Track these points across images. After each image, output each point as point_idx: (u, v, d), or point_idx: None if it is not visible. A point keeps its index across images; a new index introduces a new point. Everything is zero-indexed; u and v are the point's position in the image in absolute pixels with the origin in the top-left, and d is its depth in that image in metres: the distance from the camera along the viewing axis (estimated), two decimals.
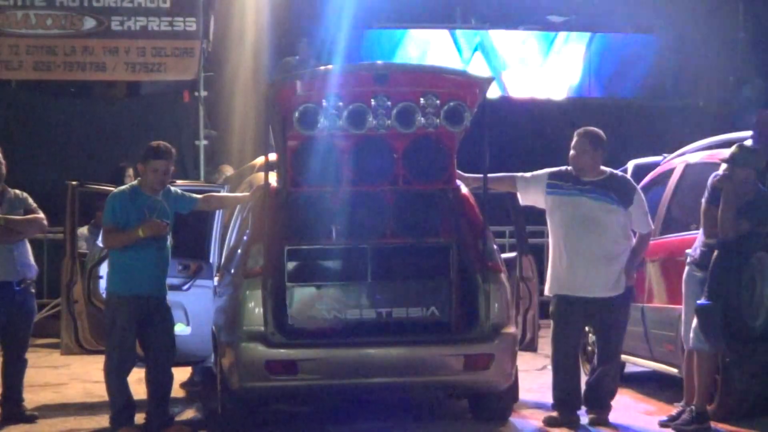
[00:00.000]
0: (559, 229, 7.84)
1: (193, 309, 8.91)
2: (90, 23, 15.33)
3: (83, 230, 12.35)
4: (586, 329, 8.77)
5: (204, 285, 8.98)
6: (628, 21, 18.34)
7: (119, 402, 7.66)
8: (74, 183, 8.93)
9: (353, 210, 7.96)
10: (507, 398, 7.95)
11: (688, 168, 8.95)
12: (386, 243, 8.02)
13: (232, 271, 8.03)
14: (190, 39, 15.43)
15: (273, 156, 8.11)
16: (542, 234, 10.97)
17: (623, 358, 8.64)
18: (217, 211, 9.17)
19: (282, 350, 7.40)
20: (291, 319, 7.68)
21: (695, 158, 8.94)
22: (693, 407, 7.57)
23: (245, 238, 8.02)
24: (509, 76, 17.81)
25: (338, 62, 14.35)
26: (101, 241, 8.29)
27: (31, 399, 8.97)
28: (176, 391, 8.87)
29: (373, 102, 7.73)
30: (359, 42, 17.34)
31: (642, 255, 8.13)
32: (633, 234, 7.96)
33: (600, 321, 7.92)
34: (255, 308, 7.44)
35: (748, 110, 14.98)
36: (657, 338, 8.80)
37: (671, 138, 12.48)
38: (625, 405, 8.57)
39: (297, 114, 7.65)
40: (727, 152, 7.51)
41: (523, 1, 18.38)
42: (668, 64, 18.22)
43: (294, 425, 8.20)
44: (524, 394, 8.70)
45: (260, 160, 8.66)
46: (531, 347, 8.62)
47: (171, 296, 8.01)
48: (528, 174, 8.05)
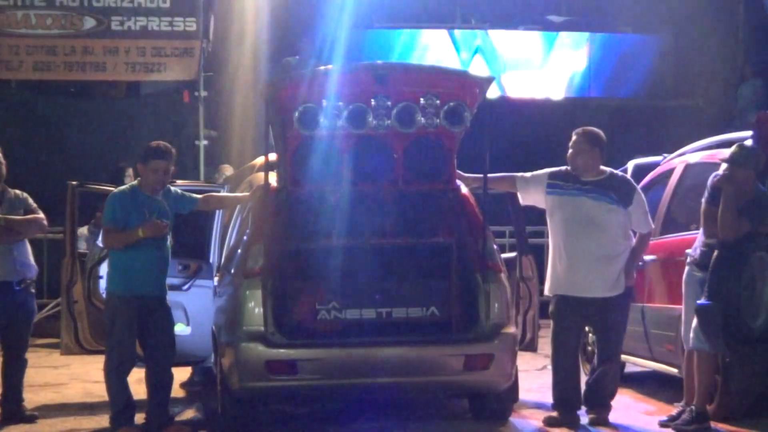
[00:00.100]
0: (559, 229, 7.84)
1: (193, 309, 8.92)
2: (90, 23, 15.33)
3: (83, 230, 12.37)
4: (586, 329, 8.77)
5: (204, 285, 8.99)
6: (628, 21, 18.35)
7: (119, 402, 7.66)
8: (74, 183, 8.93)
9: (353, 210, 7.96)
10: (507, 398, 7.95)
11: (688, 168, 8.95)
12: (386, 243, 8.01)
13: (232, 271, 8.03)
14: (190, 39, 15.43)
15: (273, 156, 8.11)
16: (542, 234, 10.98)
17: (623, 358, 8.64)
18: (217, 211, 9.17)
19: (282, 350, 7.40)
20: (291, 319, 7.67)
21: (695, 158, 8.94)
22: (693, 407, 7.57)
23: (245, 238, 8.02)
24: (509, 76, 17.80)
25: (338, 62, 14.36)
26: (101, 241, 8.29)
27: (31, 399, 8.97)
28: (176, 391, 8.87)
29: (373, 102, 7.73)
30: (359, 42, 17.33)
31: (642, 255, 8.13)
32: (633, 234, 7.96)
33: (600, 321, 7.92)
34: (255, 308, 7.44)
35: (748, 110, 15.01)
36: (657, 338, 8.80)
37: (671, 138, 12.49)
38: (625, 405, 8.57)
39: (297, 114, 7.65)
40: (727, 152, 7.51)
41: (523, 1, 18.39)
42: (668, 64, 18.22)
43: (294, 425, 8.20)
44: (524, 394, 8.70)
45: (260, 160, 8.66)
46: (531, 347, 8.62)
47: (171, 296, 8.02)
48: (528, 174, 8.05)
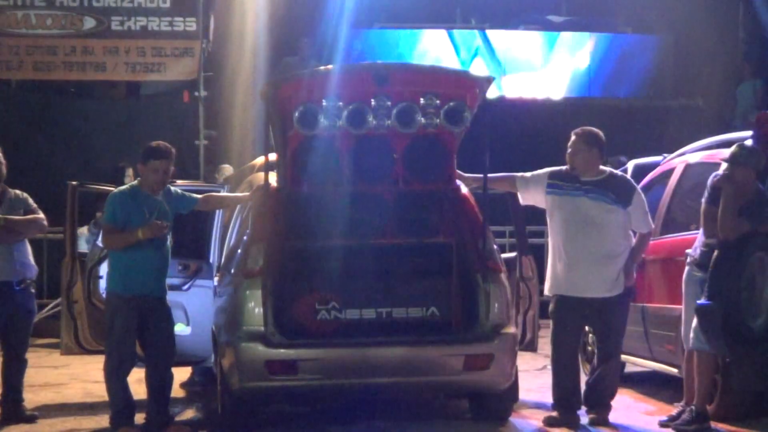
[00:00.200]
0: (559, 229, 7.84)
1: (193, 309, 8.91)
2: (90, 23, 15.34)
3: (83, 230, 12.37)
4: (586, 329, 8.77)
5: (204, 285, 8.99)
6: (628, 21, 18.35)
7: (119, 402, 7.66)
8: (74, 183, 8.94)
9: (353, 210, 7.96)
10: (507, 398, 7.94)
11: (688, 168, 8.95)
12: (386, 243, 8.02)
13: (232, 271, 8.02)
14: (190, 39, 15.44)
15: (273, 156, 8.11)
16: (542, 234, 10.99)
17: (623, 358, 8.64)
18: (217, 211, 9.17)
19: (282, 350, 7.40)
20: (291, 319, 7.67)
21: (695, 158, 8.94)
22: (693, 407, 7.57)
23: (245, 238, 8.02)
24: (509, 77, 17.81)
25: (338, 62, 14.36)
26: (101, 241, 8.29)
27: (31, 399, 8.97)
28: (176, 391, 8.87)
29: (373, 102, 7.73)
30: (359, 42, 17.35)
31: (642, 255, 8.13)
32: (633, 234, 7.96)
33: (599, 321, 7.92)
34: (255, 308, 7.44)
35: (747, 110, 15.02)
36: (657, 338, 8.79)
37: (671, 138, 12.50)
38: (625, 405, 8.57)
39: (297, 114, 7.65)
40: (727, 152, 7.51)
41: (523, 1, 18.39)
42: (668, 64, 18.23)
43: (294, 425, 8.20)
44: (524, 394, 8.69)
45: (260, 160, 8.65)
46: (531, 347, 8.62)
47: (171, 296, 8.02)
48: (528, 174, 8.05)
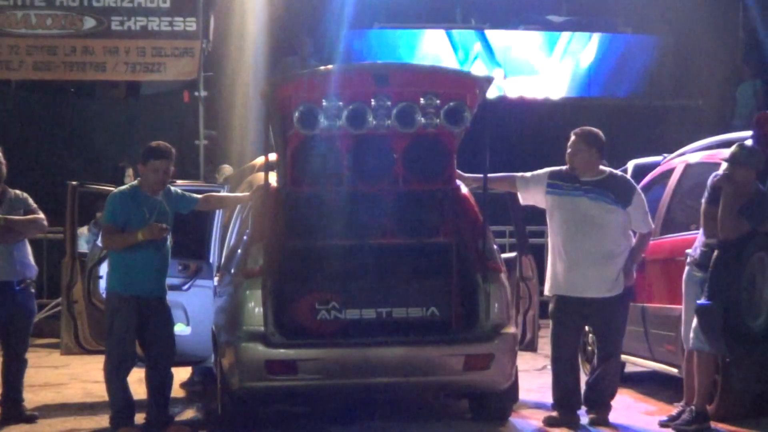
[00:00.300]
0: (559, 229, 7.84)
1: (193, 309, 8.91)
2: (90, 23, 15.34)
3: (83, 230, 12.38)
4: (586, 329, 8.77)
5: (204, 285, 8.98)
6: (628, 21, 18.35)
7: (119, 402, 7.66)
8: (74, 183, 8.93)
9: (353, 210, 7.96)
10: (507, 398, 7.94)
11: (688, 168, 8.95)
12: (386, 243, 8.02)
13: (232, 271, 8.03)
14: (190, 39, 15.44)
15: (273, 156, 8.11)
16: (542, 234, 10.98)
17: (623, 358, 8.64)
18: (217, 211, 9.17)
19: (282, 350, 7.40)
20: (291, 319, 7.67)
21: (695, 158, 8.94)
22: (693, 407, 7.57)
23: (245, 238, 8.02)
24: (509, 77, 17.80)
25: (338, 62, 14.36)
26: (101, 242, 8.29)
27: (31, 399, 8.97)
28: (176, 391, 8.87)
29: (373, 102, 7.72)
30: (359, 42, 17.35)
31: (641, 255, 8.13)
32: (633, 234, 7.96)
33: (599, 321, 7.92)
34: (255, 308, 7.44)
35: (747, 110, 15.02)
36: (657, 338, 8.80)
37: (671, 138, 12.49)
38: (625, 405, 8.57)
39: (297, 114, 7.65)
40: (727, 152, 7.51)
41: (524, 1, 18.39)
42: (668, 64, 18.23)
43: (294, 425, 8.20)
44: (524, 394, 8.69)
45: (260, 160, 8.65)
46: (531, 347, 8.62)
47: (171, 296, 8.02)
48: (528, 174, 8.05)
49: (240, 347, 7.39)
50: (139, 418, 7.77)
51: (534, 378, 9.88)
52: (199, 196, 8.14)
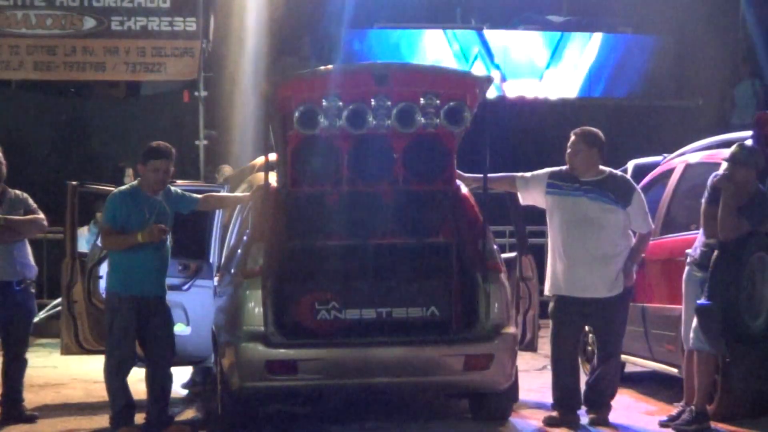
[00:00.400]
0: (558, 229, 7.84)
1: (193, 309, 8.91)
2: (90, 23, 15.35)
3: (83, 230, 12.38)
4: (586, 329, 8.77)
5: (204, 285, 8.98)
6: (628, 21, 18.36)
7: (119, 402, 7.66)
8: (74, 183, 8.93)
9: (353, 210, 7.97)
10: (507, 398, 7.94)
11: (688, 168, 8.95)
12: (386, 243, 8.02)
13: (232, 271, 8.03)
14: (190, 39, 15.45)
15: (273, 156, 8.11)
16: (542, 234, 10.94)
17: (623, 358, 8.64)
18: (217, 211, 9.17)
19: (282, 350, 7.40)
20: (291, 319, 7.67)
21: (695, 158, 8.94)
22: (693, 407, 7.57)
23: (245, 238, 8.02)
24: (510, 77, 17.80)
25: (338, 62, 14.37)
26: (101, 242, 8.29)
27: (31, 399, 8.97)
28: (176, 391, 8.87)
29: (373, 102, 7.73)
30: (359, 42, 17.35)
31: (641, 255, 8.13)
32: (633, 234, 7.96)
33: (599, 321, 7.91)
34: (255, 308, 7.44)
35: (746, 110, 15.03)
36: (657, 338, 8.79)
37: (671, 138, 12.49)
38: (625, 405, 8.57)
39: (297, 114, 7.65)
40: (727, 152, 7.51)
41: (523, 1, 18.40)
42: (668, 64, 18.24)
43: (294, 425, 8.20)
44: (524, 394, 8.70)
45: (260, 160, 8.66)
46: (531, 347, 8.61)
47: (171, 296, 8.02)
48: (528, 174, 8.04)
49: (240, 347, 7.39)
50: (139, 418, 7.76)
51: (534, 378, 9.88)
52: (199, 196, 8.13)
